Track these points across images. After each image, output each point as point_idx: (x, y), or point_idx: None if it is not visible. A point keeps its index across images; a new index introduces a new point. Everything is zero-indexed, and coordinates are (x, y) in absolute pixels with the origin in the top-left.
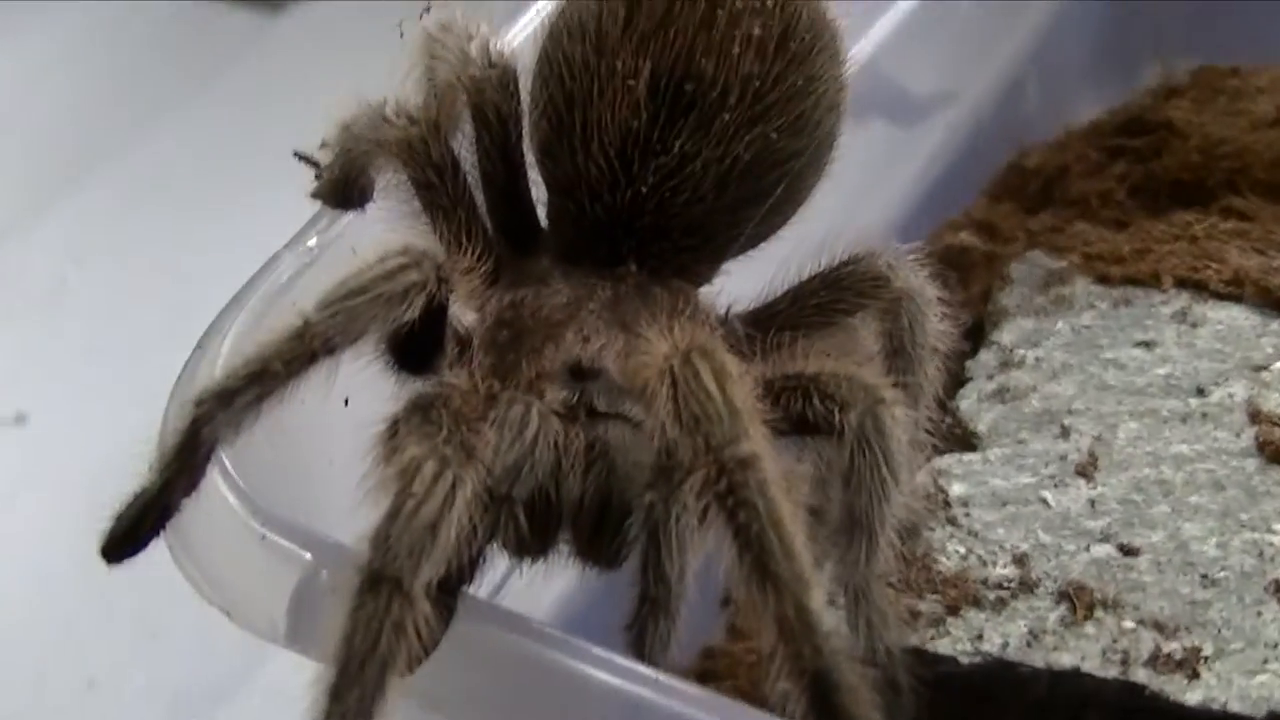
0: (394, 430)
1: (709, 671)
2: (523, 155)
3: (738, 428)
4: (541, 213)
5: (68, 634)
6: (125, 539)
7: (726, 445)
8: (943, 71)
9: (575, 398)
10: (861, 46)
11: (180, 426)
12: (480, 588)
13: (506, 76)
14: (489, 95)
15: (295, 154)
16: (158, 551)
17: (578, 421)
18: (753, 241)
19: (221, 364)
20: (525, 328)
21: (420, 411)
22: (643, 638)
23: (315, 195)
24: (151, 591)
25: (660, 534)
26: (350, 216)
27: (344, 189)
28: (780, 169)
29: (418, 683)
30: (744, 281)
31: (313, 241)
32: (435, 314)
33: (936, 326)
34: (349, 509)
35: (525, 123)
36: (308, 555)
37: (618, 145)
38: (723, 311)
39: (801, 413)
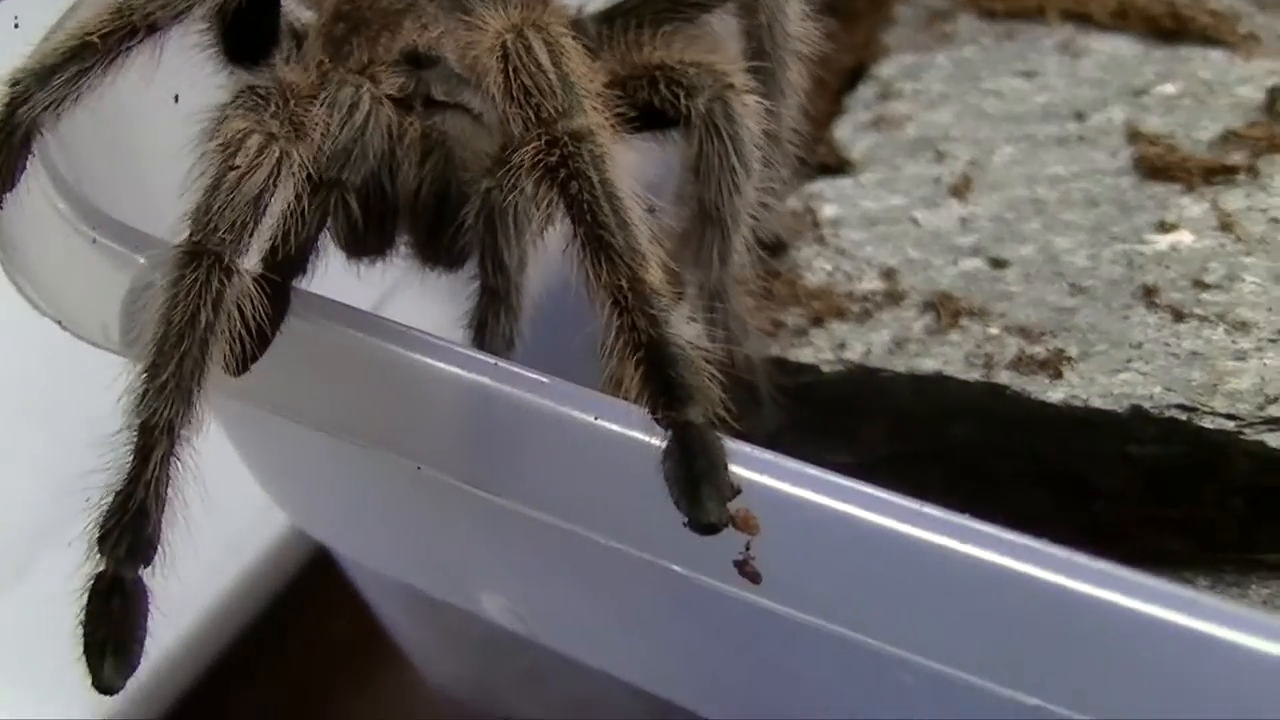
0: (223, 116)
1: None
2: None
3: (571, 100)
4: None
5: None
6: None
7: (559, 118)
8: None
9: (412, 86)
10: None
11: None
12: None
13: None
14: None
15: None
16: (40, 334)
17: (414, 110)
18: None
19: None
20: (362, 19)
21: (248, 91)
22: (483, 331)
23: None
24: (35, 374)
25: (496, 218)
26: None
27: None
28: None
29: (258, 383)
30: None
31: None
32: None
33: (798, 26)
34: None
35: None
36: (140, 258)
37: None
38: (574, 10)
39: (648, 101)
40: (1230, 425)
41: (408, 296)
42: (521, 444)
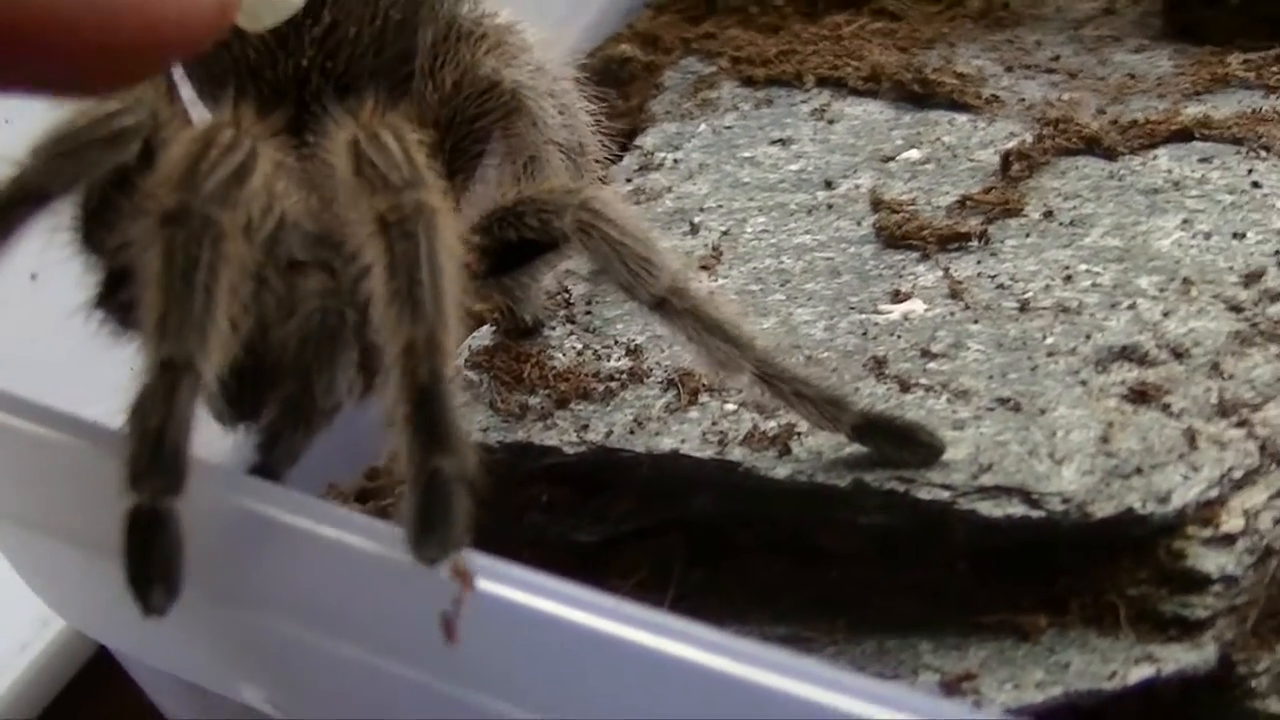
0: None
1: (368, 491)
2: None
3: (417, 176)
4: None
5: None
6: None
7: (404, 188)
8: None
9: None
10: None
11: None
12: None
13: None
14: None
15: None
16: None
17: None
18: None
19: None
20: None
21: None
22: (274, 443)
23: None
24: None
25: (322, 339)
26: None
27: None
28: None
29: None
30: None
31: None
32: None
33: (554, 118)
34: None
35: None
36: None
37: None
38: None
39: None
40: (945, 495)
41: None
42: (264, 556)
